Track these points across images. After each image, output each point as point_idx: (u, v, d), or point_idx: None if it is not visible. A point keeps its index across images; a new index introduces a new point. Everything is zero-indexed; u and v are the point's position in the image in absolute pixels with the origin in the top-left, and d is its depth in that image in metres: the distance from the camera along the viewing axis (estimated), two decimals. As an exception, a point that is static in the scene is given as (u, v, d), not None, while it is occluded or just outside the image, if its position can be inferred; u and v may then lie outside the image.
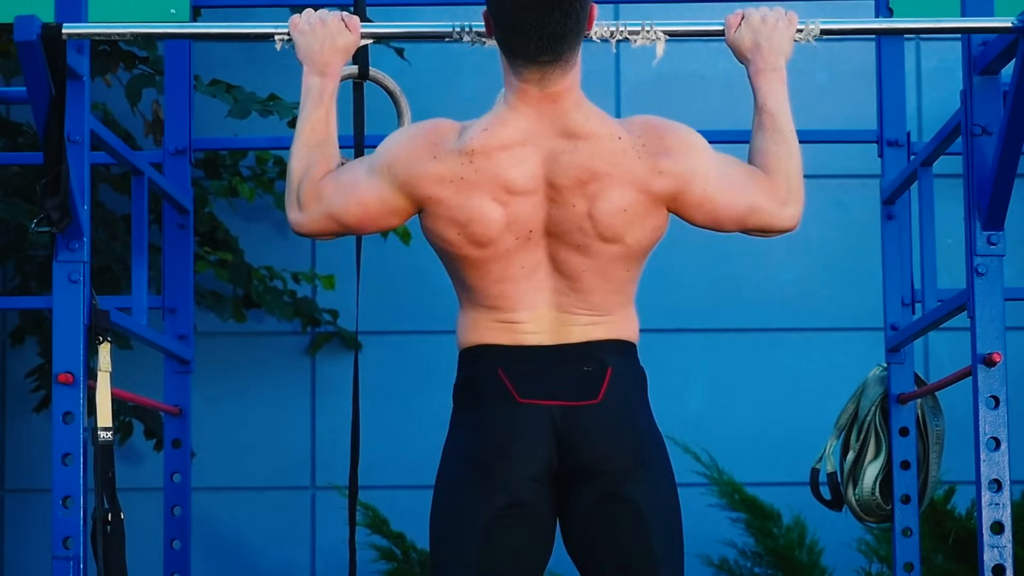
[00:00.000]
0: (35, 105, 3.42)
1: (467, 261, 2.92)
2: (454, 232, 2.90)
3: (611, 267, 2.92)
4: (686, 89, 6.38)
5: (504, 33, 2.87)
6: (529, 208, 2.88)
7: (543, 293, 2.92)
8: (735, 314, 6.29)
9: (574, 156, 2.88)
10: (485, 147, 2.88)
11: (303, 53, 3.09)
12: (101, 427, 3.57)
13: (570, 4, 2.82)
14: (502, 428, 2.89)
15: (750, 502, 5.79)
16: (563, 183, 2.88)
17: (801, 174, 3.05)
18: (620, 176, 2.88)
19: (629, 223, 2.89)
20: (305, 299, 6.15)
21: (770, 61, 3.08)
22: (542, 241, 2.90)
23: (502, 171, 2.87)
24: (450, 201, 2.88)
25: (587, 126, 2.89)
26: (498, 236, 2.88)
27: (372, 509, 5.84)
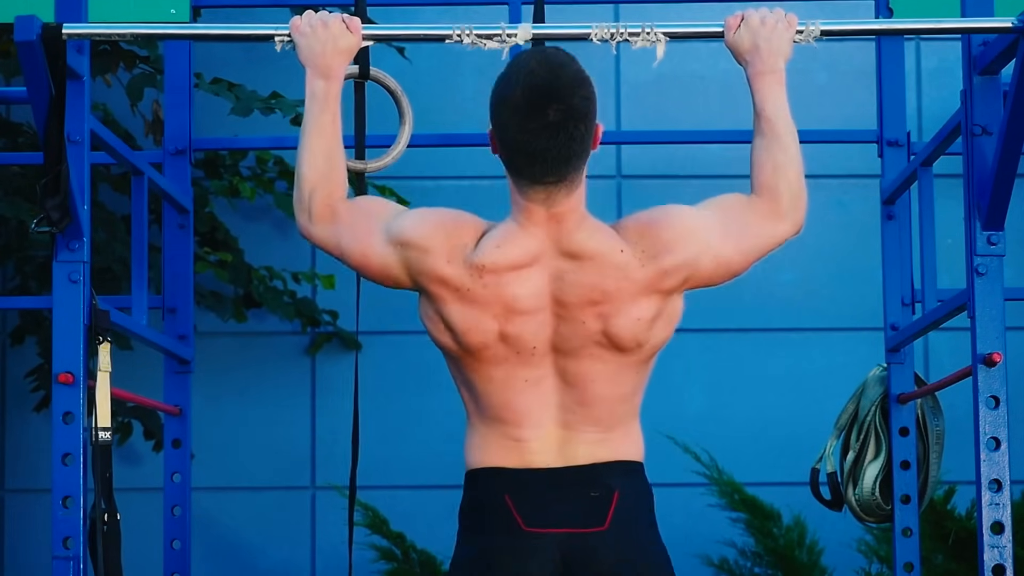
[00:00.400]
0: (35, 105, 3.42)
1: (466, 365, 2.92)
2: (448, 336, 2.91)
3: (623, 373, 2.91)
4: (686, 89, 6.38)
5: (509, 154, 2.85)
6: (533, 326, 2.87)
7: (549, 409, 2.90)
8: (735, 314, 6.29)
9: (579, 276, 2.87)
10: (496, 265, 2.86)
11: (305, 55, 3.08)
12: (100, 427, 3.57)
13: (575, 127, 2.80)
14: (508, 557, 2.87)
15: (750, 502, 5.79)
16: (571, 301, 2.87)
17: (801, 178, 3.03)
18: (629, 290, 2.88)
19: (649, 328, 2.90)
20: (305, 299, 6.15)
21: (768, 63, 3.08)
22: (548, 357, 2.89)
23: (509, 291, 2.86)
24: (450, 306, 2.88)
25: (589, 245, 2.88)
26: (492, 345, 2.88)
27: (372, 509, 5.84)
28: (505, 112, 2.81)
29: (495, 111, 2.84)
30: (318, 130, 3.02)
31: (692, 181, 6.24)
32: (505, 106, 2.81)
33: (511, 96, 2.80)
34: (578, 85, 2.81)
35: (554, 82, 2.79)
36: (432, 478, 6.05)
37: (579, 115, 2.80)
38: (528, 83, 2.79)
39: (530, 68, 2.81)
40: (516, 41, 3.25)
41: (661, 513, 2.99)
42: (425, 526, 5.84)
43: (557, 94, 2.79)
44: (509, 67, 2.84)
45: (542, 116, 2.78)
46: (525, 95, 2.79)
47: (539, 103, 2.78)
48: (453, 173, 6.25)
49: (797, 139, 3.06)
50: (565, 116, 2.79)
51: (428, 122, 5.58)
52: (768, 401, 6.28)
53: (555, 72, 2.80)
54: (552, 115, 2.78)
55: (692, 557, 5.86)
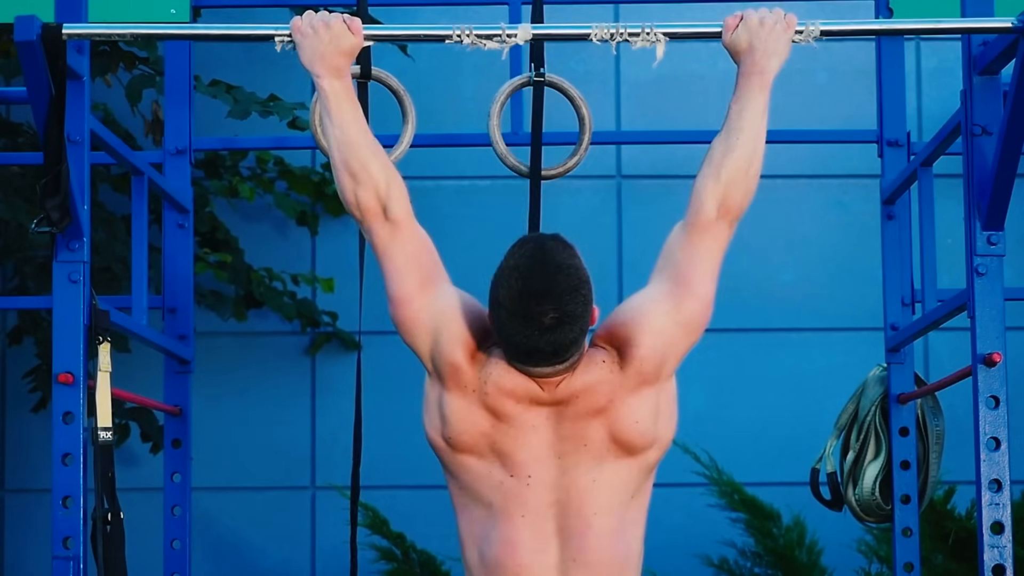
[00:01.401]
0: (35, 105, 3.42)
1: (457, 474, 2.92)
2: (437, 423, 2.92)
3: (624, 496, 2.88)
4: (686, 89, 6.38)
5: (505, 347, 2.86)
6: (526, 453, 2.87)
7: (550, 554, 2.88)
8: (735, 314, 6.29)
9: (576, 407, 2.88)
10: (500, 389, 2.88)
11: (308, 56, 3.07)
12: (101, 427, 3.57)
13: (571, 328, 2.81)
14: None
15: (750, 502, 5.79)
16: (572, 428, 2.88)
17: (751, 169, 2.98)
18: (619, 398, 2.88)
19: (651, 424, 2.90)
20: (305, 300, 6.15)
21: (760, 64, 3.07)
22: (545, 493, 2.88)
23: (504, 410, 2.87)
24: (452, 398, 2.89)
25: (584, 380, 2.88)
26: (479, 448, 2.88)
27: (372, 509, 5.84)
28: (502, 313, 2.82)
29: (492, 307, 2.84)
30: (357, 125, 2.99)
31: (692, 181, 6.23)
32: (502, 308, 2.81)
33: (507, 300, 2.80)
34: (574, 289, 2.81)
35: (551, 288, 2.79)
36: (432, 478, 6.00)
37: (574, 318, 2.81)
38: (524, 287, 2.79)
39: (527, 270, 2.80)
40: (516, 41, 3.25)
41: (661, 513, 2.99)
42: (425, 526, 5.84)
43: (553, 300, 2.79)
44: (508, 257, 2.84)
45: (537, 322, 2.79)
46: (522, 300, 2.79)
47: (535, 310, 2.79)
48: (453, 173, 6.25)
49: (760, 139, 3.01)
50: (560, 320, 2.80)
51: (429, 122, 5.57)
52: (768, 401, 6.29)
53: (551, 276, 2.80)
54: (548, 321, 2.79)
55: (692, 557, 5.87)
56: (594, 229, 6.31)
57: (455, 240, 5.84)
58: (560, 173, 3.62)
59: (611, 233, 6.36)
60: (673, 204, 3.14)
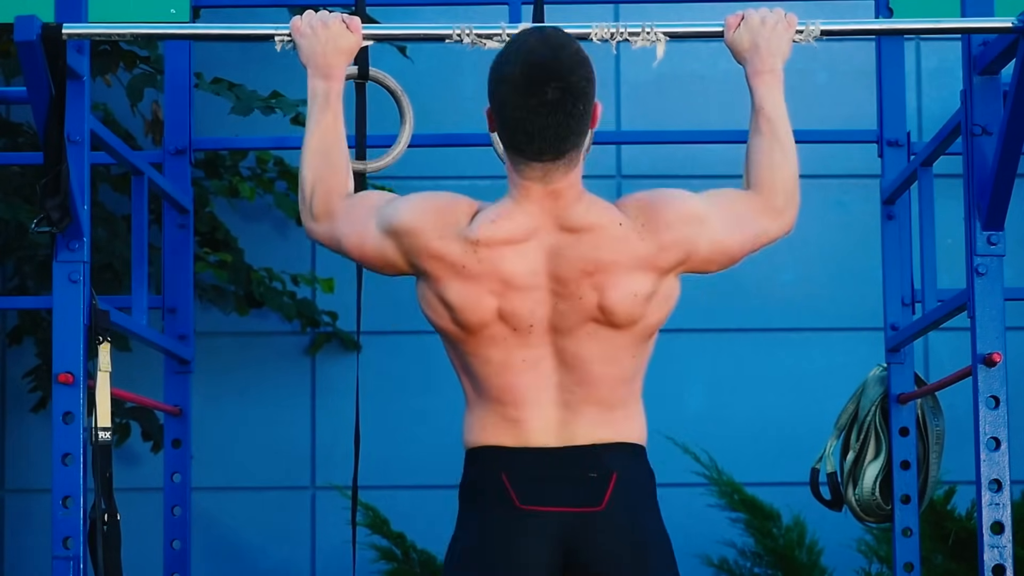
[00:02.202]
0: (35, 105, 3.42)
1: (465, 344, 2.90)
2: (447, 315, 2.89)
3: (621, 354, 2.89)
4: (686, 89, 6.38)
5: (507, 132, 2.84)
6: (530, 303, 2.86)
7: (548, 391, 2.89)
8: (735, 314, 6.29)
9: (577, 249, 2.86)
10: (490, 240, 2.86)
11: (306, 56, 3.09)
12: (100, 427, 3.57)
13: (573, 106, 2.80)
14: (503, 535, 2.85)
15: (750, 502, 5.79)
16: (568, 276, 2.86)
17: (796, 177, 3.04)
18: (627, 263, 2.86)
19: (645, 305, 2.88)
20: (305, 300, 6.15)
21: (768, 63, 3.08)
22: (546, 336, 2.88)
23: (504, 266, 2.85)
24: (446, 283, 2.87)
25: (588, 218, 2.87)
26: (490, 324, 2.86)
27: (372, 509, 5.84)
28: (504, 89, 2.81)
29: (494, 89, 2.83)
30: (319, 130, 3.03)
31: (692, 181, 6.19)
32: (504, 83, 2.81)
33: (510, 74, 2.80)
34: (578, 64, 2.81)
35: (554, 60, 2.79)
36: (432, 478, 6.04)
37: (578, 93, 2.80)
38: (527, 60, 2.79)
39: (530, 46, 2.81)
40: (516, 41, 3.24)
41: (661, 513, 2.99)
42: (425, 526, 5.84)
43: (556, 72, 2.79)
44: (508, 45, 2.85)
45: (541, 94, 2.78)
46: (524, 73, 2.79)
47: (538, 81, 2.78)
48: (453, 173, 6.24)
49: (794, 141, 3.06)
50: (564, 94, 2.79)
51: (428, 122, 5.58)
52: (768, 401, 6.28)
53: (555, 51, 2.80)
54: (551, 93, 2.78)
55: (692, 557, 5.86)
56: (594, 229, 6.30)
57: (455, 240, 5.84)
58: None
59: (611, 233, 6.35)
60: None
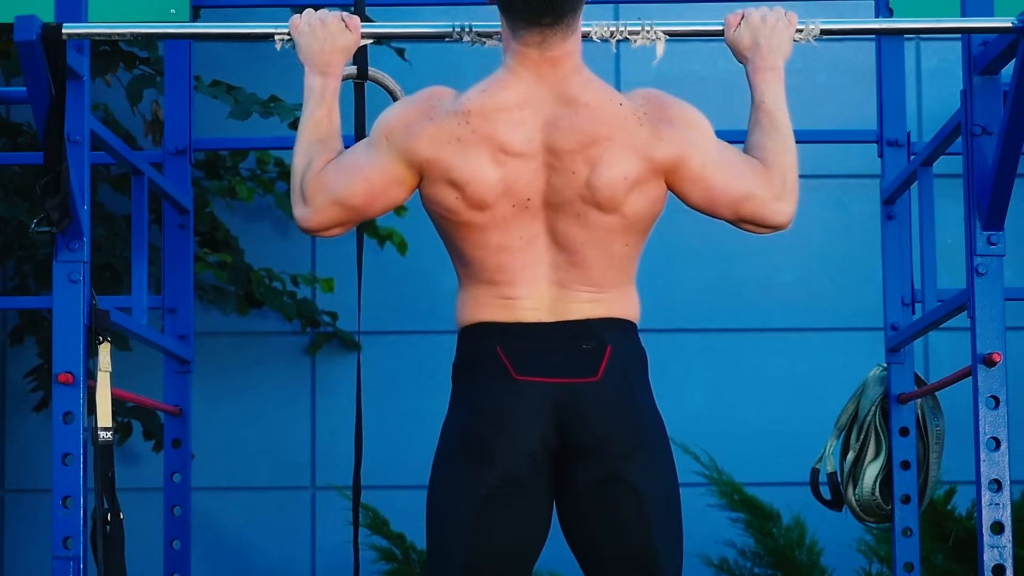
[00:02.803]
0: (35, 105, 3.42)
1: (465, 228, 2.89)
2: (452, 196, 2.87)
3: (610, 239, 2.89)
4: (686, 89, 6.35)
5: (509, 5, 2.86)
6: (528, 174, 2.86)
7: (542, 268, 2.90)
8: (735, 314, 6.29)
9: (574, 121, 2.87)
10: (482, 108, 2.87)
11: (304, 54, 3.09)
12: (101, 427, 3.57)
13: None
14: (498, 405, 2.87)
15: (750, 502, 5.79)
16: (563, 148, 2.86)
17: (796, 172, 3.03)
18: (621, 141, 2.87)
19: (628, 191, 2.87)
20: (305, 300, 6.15)
21: (768, 60, 3.08)
22: (540, 212, 2.88)
23: (499, 132, 2.86)
24: (448, 161, 2.86)
25: (587, 91, 2.89)
26: (495, 200, 2.86)
27: (372, 510, 5.84)
28: None
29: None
30: (313, 125, 3.03)
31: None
32: None
33: None
34: None
35: None
36: (432, 478, 6.04)
37: None
38: None
39: None
40: (516, 41, 3.24)
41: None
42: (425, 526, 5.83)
43: None
44: None
45: None
46: None
47: None
48: (453, 173, 6.24)
49: (794, 138, 3.06)
50: None
51: (428, 122, 5.57)
52: (768, 401, 6.28)
53: None
54: None
55: (692, 557, 5.86)
56: (594, 229, 6.31)
57: (455, 240, 5.85)
58: None
59: (611, 233, 6.36)
60: (673, 203, 3.13)
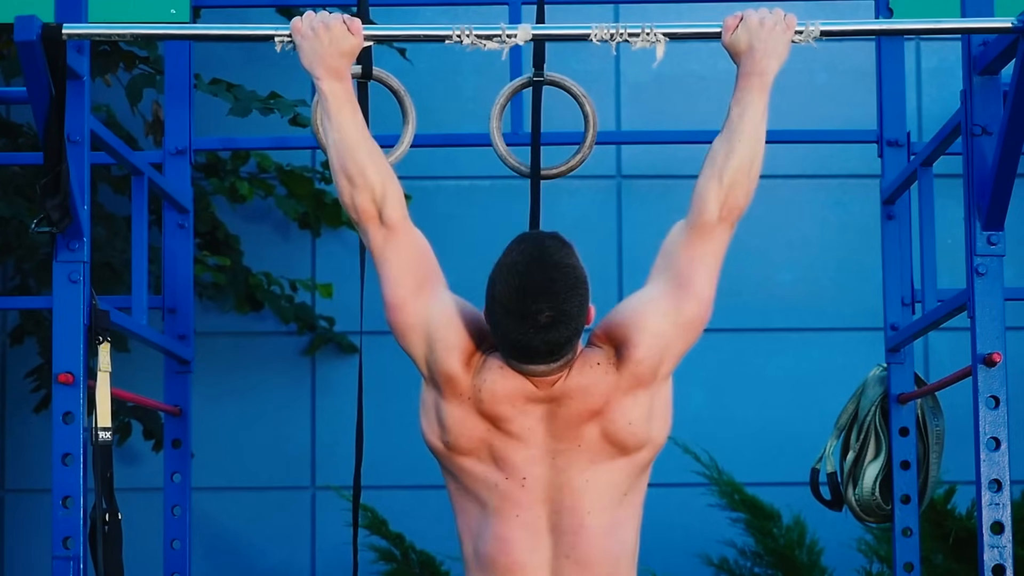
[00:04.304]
0: (35, 105, 3.42)
1: (456, 475, 2.93)
2: (436, 429, 2.92)
3: (616, 495, 2.90)
4: (686, 89, 6.38)
5: (500, 344, 2.87)
6: (523, 455, 2.89)
7: (543, 552, 2.89)
8: (735, 314, 6.29)
9: (570, 407, 2.89)
10: (492, 397, 2.89)
11: (309, 58, 3.08)
12: (100, 427, 3.57)
13: (566, 327, 2.82)
14: None
15: (750, 502, 5.79)
16: (565, 432, 2.89)
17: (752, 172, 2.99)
18: (616, 398, 2.89)
19: (644, 425, 2.91)
20: (303, 304, 6.15)
21: (760, 64, 3.07)
22: (539, 497, 2.89)
23: (504, 417, 2.89)
24: (449, 406, 2.90)
25: (579, 381, 2.90)
26: (478, 451, 2.89)
27: (371, 510, 5.84)
28: (498, 310, 2.83)
29: (488, 305, 2.85)
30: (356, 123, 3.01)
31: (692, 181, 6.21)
32: (498, 304, 2.83)
33: (504, 297, 2.82)
34: (571, 288, 2.83)
35: (548, 286, 2.81)
36: (431, 478, 5.99)
37: (570, 317, 2.83)
38: (520, 285, 2.81)
39: (525, 268, 2.82)
40: (516, 41, 3.25)
41: (661, 513, 3.00)
42: (425, 526, 5.84)
43: (549, 299, 2.81)
44: (506, 254, 2.86)
45: (533, 320, 2.80)
46: (518, 298, 2.81)
47: (532, 308, 2.80)
48: (453, 173, 6.25)
49: (761, 140, 3.02)
50: (556, 319, 2.81)
51: (428, 122, 5.57)
52: (768, 401, 6.28)
53: (548, 275, 2.82)
54: (543, 319, 2.81)
55: (692, 557, 5.87)
56: (594, 229, 6.31)
57: (455, 240, 5.84)
58: (562, 172, 3.61)
59: (611, 233, 6.36)
60: (673, 204, 3.15)
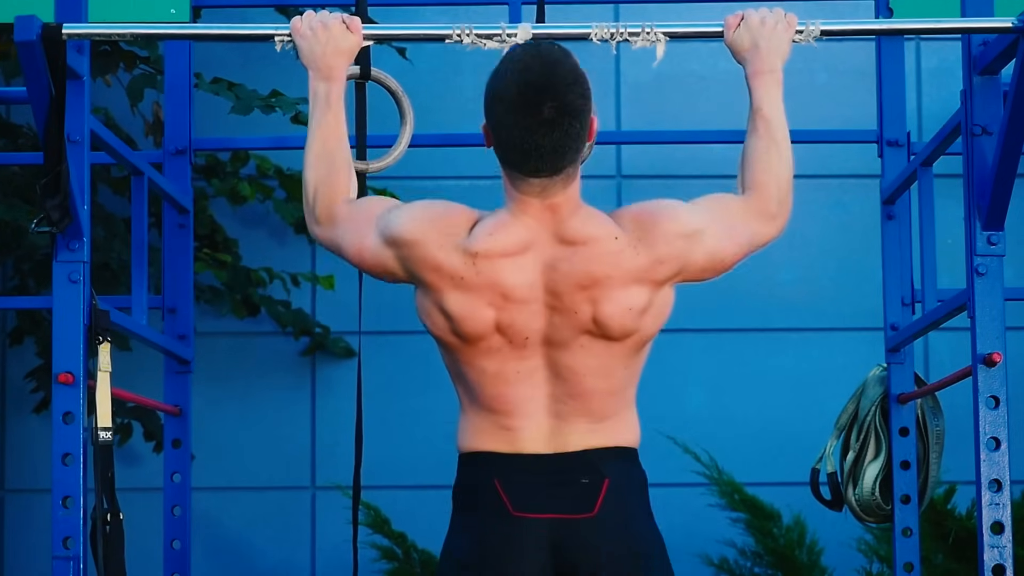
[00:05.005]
0: (35, 105, 3.42)
1: (459, 353, 2.92)
2: (445, 325, 2.91)
3: (613, 366, 2.90)
4: (686, 89, 6.37)
5: (503, 150, 2.85)
6: (526, 315, 2.87)
7: (541, 400, 2.90)
8: (735, 314, 6.29)
9: (573, 263, 2.87)
10: (488, 252, 2.86)
11: (307, 58, 3.10)
12: (101, 427, 3.57)
13: (570, 124, 2.80)
14: (496, 541, 2.87)
15: (750, 502, 5.79)
16: (564, 290, 2.87)
17: (791, 180, 3.03)
18: (622, 277, 2.87)
19: (638, 318, 2.89)
20: (301, 311, 6.14)
21: (767, 63, 3.08)
22: (539, 348, 2.89)
23: (502, 278, 2.86)
24: (445, 294, 2.88)
25: (584, 231, 2.88)
26: (489, 334, 2.88)
27: (373, 509, 5.84)
28: (499, 108, 2.82)
29: (489, 106, 2.84)
30: (322, 132, 3.04)
31: (692, 181, 6.23)
32: (499, 102, 2.81)
33: (505, 92, 2.81)
34: (573, 82, 2.81)
35: (549, 78, 2.80)
36: (433, 478, 6.03)
37: (574, 112, 2.80)
38: (523, 79, 2.80)
39: (525, 64, 2.81)
40: (516, 41, 3.25)
41: (661, 513, 2.99)
42: (426, 526, 5.83)
43: (552, 90, 2.79)
44: (503, 62, 2.85)
45: (537, 113, 2.79)
46: (520, 91, 2.79)
47: (534, 99, 2.79)
48: (453, 173, 6.25)
49: (790, 142, 3.06)
50: (559, 113, 2.79)
51: (428, 122, 5.57)
52: (768, 401, 6.28)
53: (550, 68, 2.81)
54: (547, 112, 2.79)
55: (692, 557, 5.86)
56: (594, 229, 6.30)
57: (455, 240, 5.84)
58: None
59: (611, 233, 6.35)
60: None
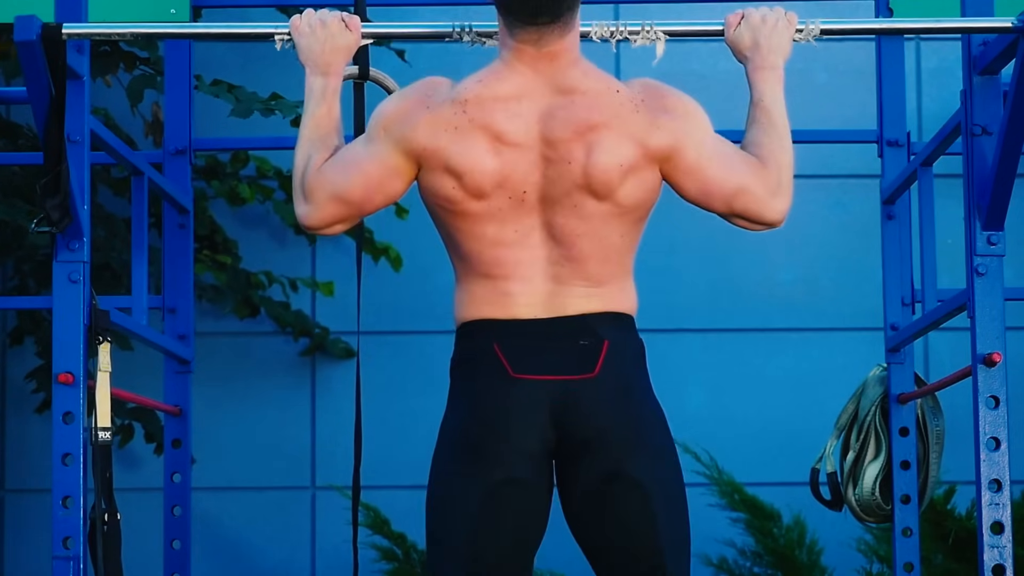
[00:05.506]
0: (35, 105, 3.42)
1: (463, 219, 2.89)
2: (450, 185, 2.88)
3: (605, 230, 2.89)
4: (686, 89, 6.27)
5: (506, 5, 2.88)
6: (524, 165, 2.87)
7: (538, 263, 2.90)
8: (735, 314, 6.29)
9: (570, 110, 2.88)
10: (479, 97, 2.89)
11: (305, 55, 3.10)
12: (100, 427, 3.57)
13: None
14: (496, 404, 2.88)
15: (750, 502, 5.79)
16: (559, 137, 2.86)
17: (792, 171, 3.02)
18: (617, 128, 2.87)
19: (623, 177, 2.88)
20: (300, 312, 6.14)
21: (768, 60, 3.09)
22: (536, 206, 2.88)
23: (496, 121, 2.87)
24: (445, 149, 2.87)
25: (584, 82, 2.90)
26: (493, 189, 2.86)
27: (373, 509, 5.84)
28: None
29: None
30: (313, 123, 3.04)
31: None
32: None
33: None
34: None
35: None
36: (432, 478, 6.04)
37: None
38: None
39: None
40: (516, 41, 3.24)
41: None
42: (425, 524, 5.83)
43: None
44: None
45: None
46: None
47: None
48: (453, 173, 6.24)
49: (790, 137, 3.05)
50: None
51: (428, 122, 5.57)
52: (768, 401, 6.28)
53: None
54: None
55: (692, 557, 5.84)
56: (594, 229, 6.31)
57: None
58: None
59: (611, 233, 6.36)
60: (673, 203, 3.14)
